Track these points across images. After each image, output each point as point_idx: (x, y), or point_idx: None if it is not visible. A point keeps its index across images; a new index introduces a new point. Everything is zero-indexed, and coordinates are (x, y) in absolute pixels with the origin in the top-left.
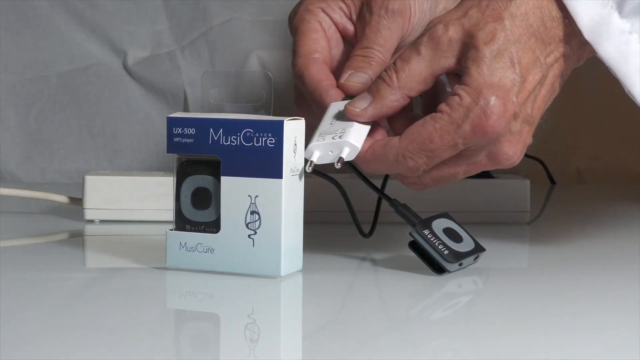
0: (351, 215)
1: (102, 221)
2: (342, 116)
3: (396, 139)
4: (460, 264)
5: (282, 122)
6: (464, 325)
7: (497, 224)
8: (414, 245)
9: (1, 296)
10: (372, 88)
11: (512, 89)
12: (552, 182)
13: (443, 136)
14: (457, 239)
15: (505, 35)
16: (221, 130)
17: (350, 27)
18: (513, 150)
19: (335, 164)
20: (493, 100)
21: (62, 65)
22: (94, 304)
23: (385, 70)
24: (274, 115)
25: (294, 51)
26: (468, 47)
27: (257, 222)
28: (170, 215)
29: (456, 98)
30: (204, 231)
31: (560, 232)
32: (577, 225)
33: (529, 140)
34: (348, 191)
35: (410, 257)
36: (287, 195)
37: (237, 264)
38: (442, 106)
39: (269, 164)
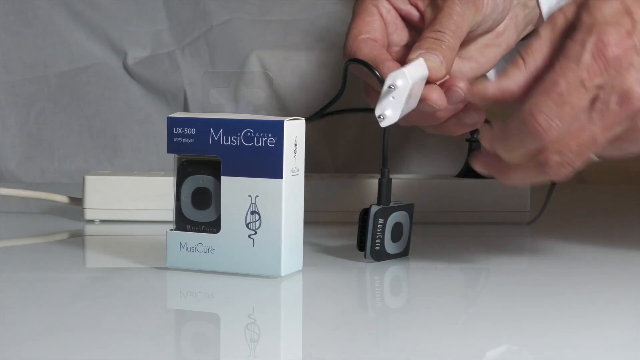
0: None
1: (102, 221)
2: None
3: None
4: (378, 261)
5: (282, 122)
6: (460, 324)
7: (497, 224)
8: (363, 217)
9: (1, 296)
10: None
11: (626, 28)
12: (552, 182)
13: (566, 74)
14: (397, 237)
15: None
16: (221, 130)
17: (414, 13)
18: None
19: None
20: (609, 29)
21: (62, 65)
22: (94, 304)
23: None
24: (274, 115)
25: (346, 34)
26: (582, 8)
27: (258, 222)
28: (170, 215)
29: (567, 41)
30: (204, 231)
31: (560, 232)
32: (577, 225)
33: None
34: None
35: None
36: (288, 195)
37: (237, 264)
38: (554, 60)
39: (269, 164)
